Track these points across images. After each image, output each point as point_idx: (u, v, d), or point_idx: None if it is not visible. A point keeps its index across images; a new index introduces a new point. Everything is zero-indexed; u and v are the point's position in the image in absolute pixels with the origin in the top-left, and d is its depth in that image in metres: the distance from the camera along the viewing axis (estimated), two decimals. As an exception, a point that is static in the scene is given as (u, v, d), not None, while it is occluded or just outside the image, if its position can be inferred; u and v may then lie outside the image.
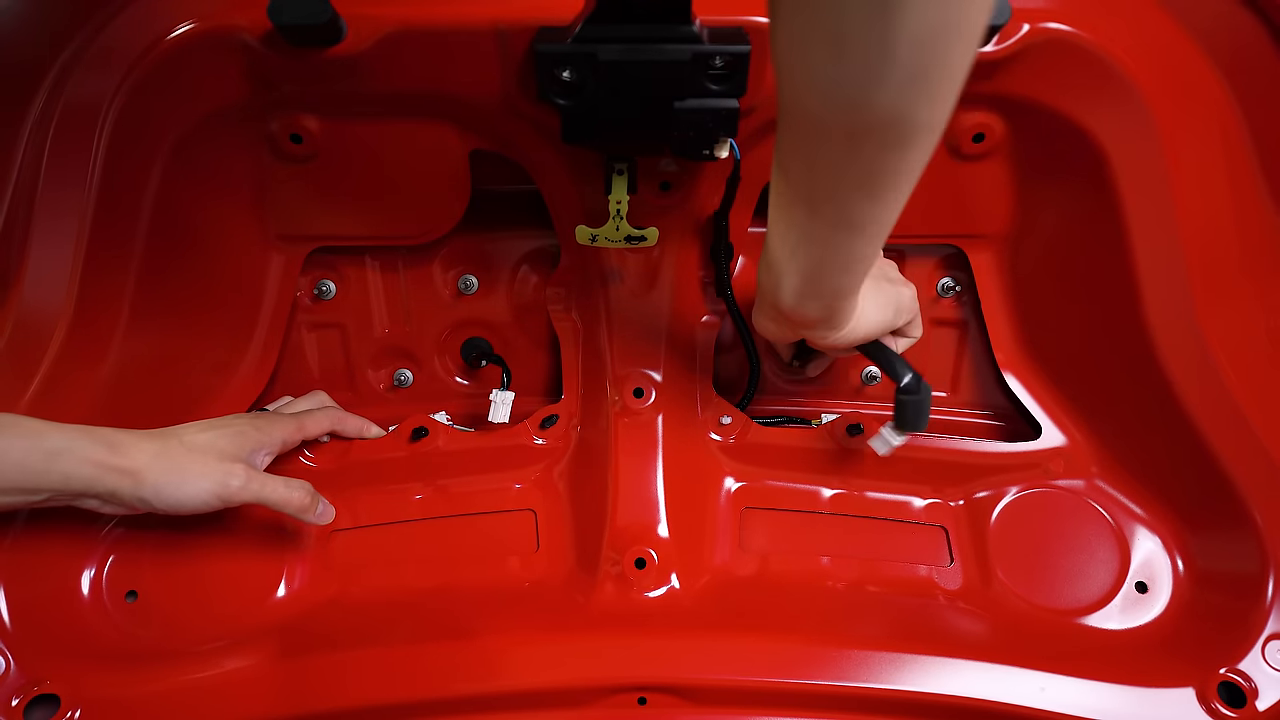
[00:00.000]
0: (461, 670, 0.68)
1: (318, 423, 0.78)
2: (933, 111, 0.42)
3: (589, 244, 0.72)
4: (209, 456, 0.66)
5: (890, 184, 0.48)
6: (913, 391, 0.68)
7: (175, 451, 0.64)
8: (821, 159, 0.48)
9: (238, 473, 0.66)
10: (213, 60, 0.64)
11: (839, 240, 0.53)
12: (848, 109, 0.42)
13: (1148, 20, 0.65)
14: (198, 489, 0.64)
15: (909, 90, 0.41)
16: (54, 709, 0.64)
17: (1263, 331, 0.70)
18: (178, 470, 0.63)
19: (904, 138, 0.44)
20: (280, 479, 0.69)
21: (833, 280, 0.57)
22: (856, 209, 0.50)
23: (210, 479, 0.65)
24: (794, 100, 0.45)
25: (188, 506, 0.64)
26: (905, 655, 0.67)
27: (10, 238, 0.68)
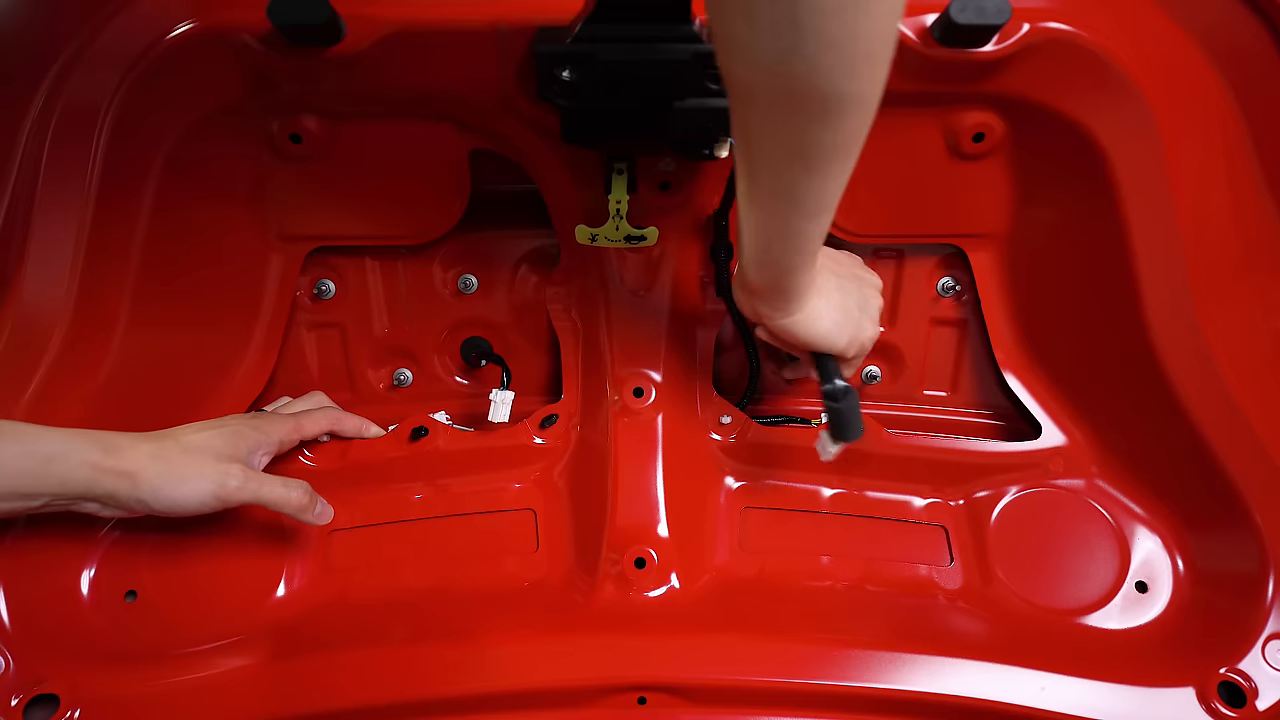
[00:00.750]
0: (461, 670, 0.68)
1: (316, 422, 0.78)
2: (853, 84, 0.43)
3: (589, 244, 0.72)
4: (206, 457, 0.65)
5: (822, 157, 0.48)
6: (836, 399, 0.67)
7: (172, 453, 0.64)
8: (753, 127, 0.48)
9: (235, 473, 0.66)
10: (212, 60, 0.64)
11: (777, 210, 0.53)
12: (765, 77, 0.43)
13: (1148, 20, 0.65)
14: (195, 490, 0.64)
15: (823, 60, 0.41)
16: (54, 709, 0.64)
17: (1263, 331, 0.70)
18: (175, 471, 0.63)
19: (829, 110, 0.44)
20: (278, 479, 0.69)
21: (776, 251, 0.57)
22: (791, 180, 0.50)
23: (208, 479, 0.64)
24: (723, 67, 0.46)
25: (185, 507, 0.64)
26: (905, 655, 0.67)
27: (9, 237, 0.68)
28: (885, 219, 0.79)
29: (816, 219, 0.54)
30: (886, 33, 0.42)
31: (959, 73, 0.64)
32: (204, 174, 0.71)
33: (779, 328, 0.65)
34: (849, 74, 0.42)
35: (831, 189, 0.51)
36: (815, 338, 0.66)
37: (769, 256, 0.58)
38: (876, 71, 0.43)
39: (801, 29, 0.40)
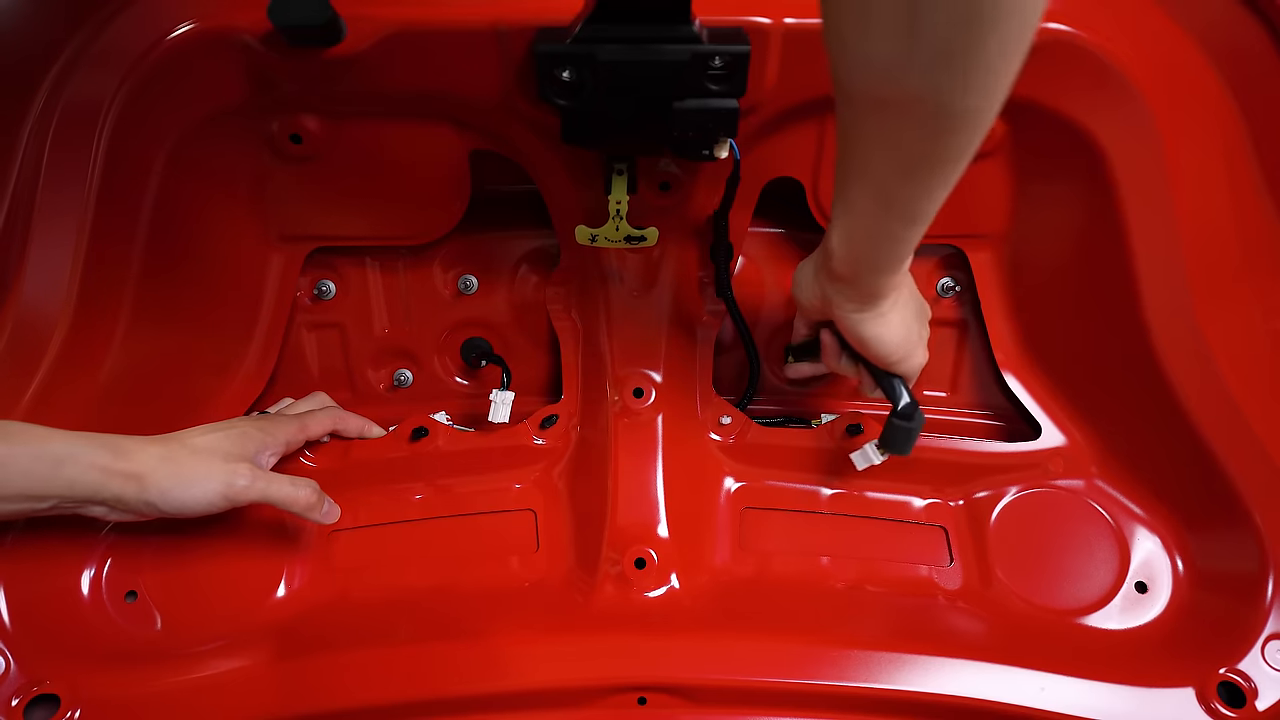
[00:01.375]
0: (461, 670, 0.68)
1: (320, 423, 0.78)
2: (967, 99, 0.41)
3: (589, 244, 0.72)
4: (214, 458, 0.65)
5: (926, 169, 0.47)
6: (907, 418, 0.69)
7: (180, 454, 0.64)
8: (856, 131, 0.48)
9: (243, 473, 0.66)
10: (213, 61, 0.64)
11: (873, 212, 0.53)
12: (876, 85, 0.42)
13: (1147, 21, 0.65)
14: (204, 490, 0.64)
15: (936, 73, 0.39)
16: (54, 709, 0.64)
17: (1262, 331, 0.70)
18: (183, 473, 0.63)
19: (938, 122, 0.43)
20: (286, 477, 0.69)
21: (866, 249, 0.57)
22: (891, 187, 0.50)
23: (216, 480, 0.65)
24: (834, 72, 0.45)
25: (195, 508, 0.64)
26: (905, 655, 0.67)
27: (10, 238, 0.68)
28: (885, 219, 0.79)
29: (913, 226, 0.53)
30: (1016, 49, 0.39)
31: (959, 73, 0.64)
32: (204, 174, 0.71)
33: (849, 322, 0.64)
34: (966, 90, 0.40)
35: (934, 199, 0.50)
36: (879, 341, 0.65)
37: (858, 252, 0.58)
38: (998, 88, 0.41)
39: (919, 40, 0.38)
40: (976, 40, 0.38)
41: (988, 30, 0.37)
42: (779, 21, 0.61)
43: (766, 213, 0.84)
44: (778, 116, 0.69)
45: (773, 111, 0.68)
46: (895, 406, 0.70)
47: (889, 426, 0.71)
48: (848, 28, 0.41)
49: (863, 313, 0.63)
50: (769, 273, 0.88)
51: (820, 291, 0.65)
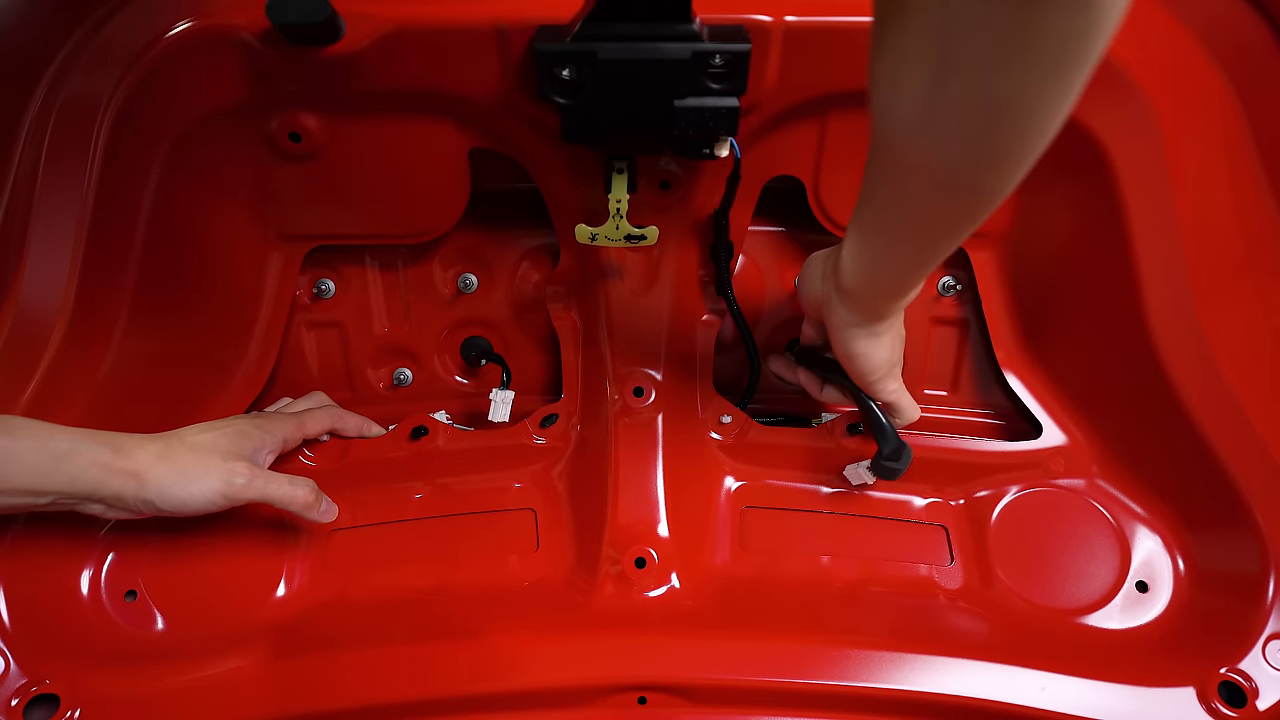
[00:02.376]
0: (461, 670, 0.68)
1: (318, 421, 0.78)
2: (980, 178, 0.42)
3: (589, 243, 0.72)
4: (213, 456, 0.65)
5: (940, 223, 0.49)
6: (894, 459, 0.71)
7: (179, 452, 0.64)
8: (880, 175, 0.48)
9: (242, 471, 0.66)
10: (211, 59, 0.64)
11: (887, 247, 0.54)
12: (901, 141, 0.43)
13: (1150, 19, 0.65)
14: (203, 488, 0.64)
15: (951, 148, 0.40)
16: (54, 709, 0.64)
17: (1264, 331, 0.70)
18: (182, 471, 0.63)
19: (954, 189, 0.44)
20: (285, 477, 0.69)
21: (877, 276, 0.58)
22: (905, 231, 0.51)
23: (215, 478, 0.64)
24: (873, 117, 0.46)
25: (193, 507, 0.64)
26: (905, 655, 0.67)
27: (8, 237, 0.68)
28: (886, 218, 0.79)
29: (925, 265, 0.54)
30: (1034, 144, 0.39)
31: (960, 72, 0.64)
32: (203, 173, 0.71)
33: (844, 335, 0.65)
34: (982, 170, 0.41)
35: (942, 250, 0.51)
36: (867, 358, 0.66)
37: (869, 277, 0.59)
38: (1014, 174, 0.41)
39: (939, 113, 0.38)
40: (992, 128, 0.38)
41: (1005, 121, 0.38)
42: (780, 20, 0.61)
43: (767, 212, 0.83)
44: (778, 115, 0.69)
45: (773, 110, 0.68)
46: (881, 451, 0.71)
47: (878, 465, 0.73)
48: (882, 80, 0.41)
49: (859, 328, 0.64)
50: (769, 272, 0.88)
51: (823, 296, 0.65)
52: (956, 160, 0.41)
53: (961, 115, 0.38)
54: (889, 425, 0.71)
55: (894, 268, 0.56)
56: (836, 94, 0.67)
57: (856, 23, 0.62)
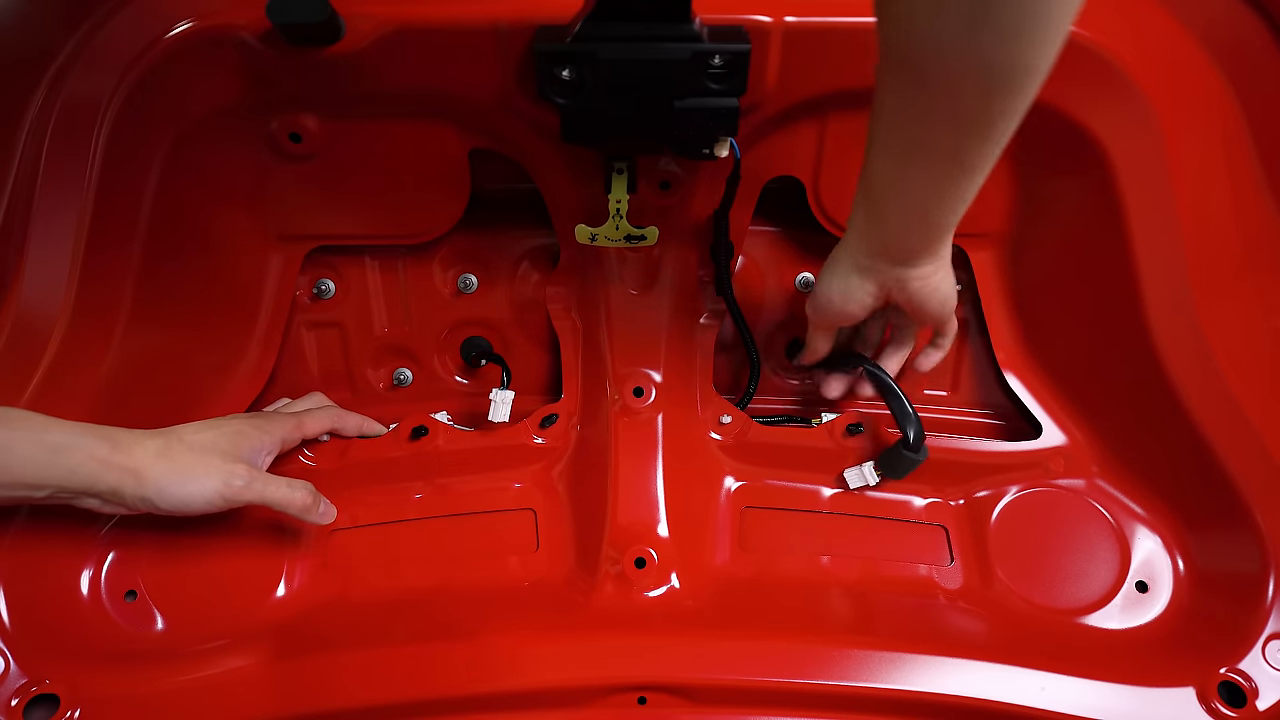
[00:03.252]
0: (461, 670, 0.67)
1: (317, 421, 0.78)
2: (1035, 58, 0.45)
3: (589, 243, 0.72)
4: (212, 456, 0.65)
5: (995, 124, 0.50)
6: (913, 450, 0.72)
7: (177, 451, 0.64)
8: (926, 106, 0.50)
9: (241, 473, 0.66)
10: (211, 59, 0.64)
11: (943, 173, 0.55)
12: (945, 55, 0.45)
13: (1149, 19, 0.65)
14: (202, 489, 0.64)
15: (1008, 42, 0.43)
16: (54, 709, 0.64)
17: (1264, 330, 0.70)
18: (181, 469, 0.63)
19: (1004, 85, 0.46)
20: (283, 479, 0.69)
21: (935, 213, 0.59)
22: (961, 146, 0.52)
23: (214, 479, 0.64)
24: (898, 50, 0.48)
25: (191, 507, 0.64)
26: (905, 655, 0.67)
27: (9, 237, 0.68)
28: (886, 218, 0.79)
29: (978, 177, 0.56)
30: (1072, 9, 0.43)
31: (960, 72, 0.64)
32: (203, 173, 0.71)
33: (930, 284, 0.65)
34: (1033, 49, 0.44)
35: (997, 151, 0.53)
36: (947, 294, 0.67)
37: (927, 220, 0.59)
38: (1057, 46, 0.45)
39: (992, 12, 0.42)
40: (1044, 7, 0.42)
41: None
42: (779, 20, 0.61)
43: (767, 212, 0.83)
44: (778, 115, 0.69)
45: (773, 110, 0.68)
46: (908, 438, 0.72)
47: (896, 455, 0.74)
48: (918, 10, 0.44)
49: (935, 267, 0.65)
50: (769, 272, 0.88)
51: (875, 284, 0.66)
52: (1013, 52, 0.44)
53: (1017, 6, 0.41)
54: (915, 413, 0.72)
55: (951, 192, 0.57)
56: (836, 94, 0.67)
57: (856, 23, 0.62)
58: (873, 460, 0.78)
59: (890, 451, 0.75)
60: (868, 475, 0.78)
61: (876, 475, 0.78)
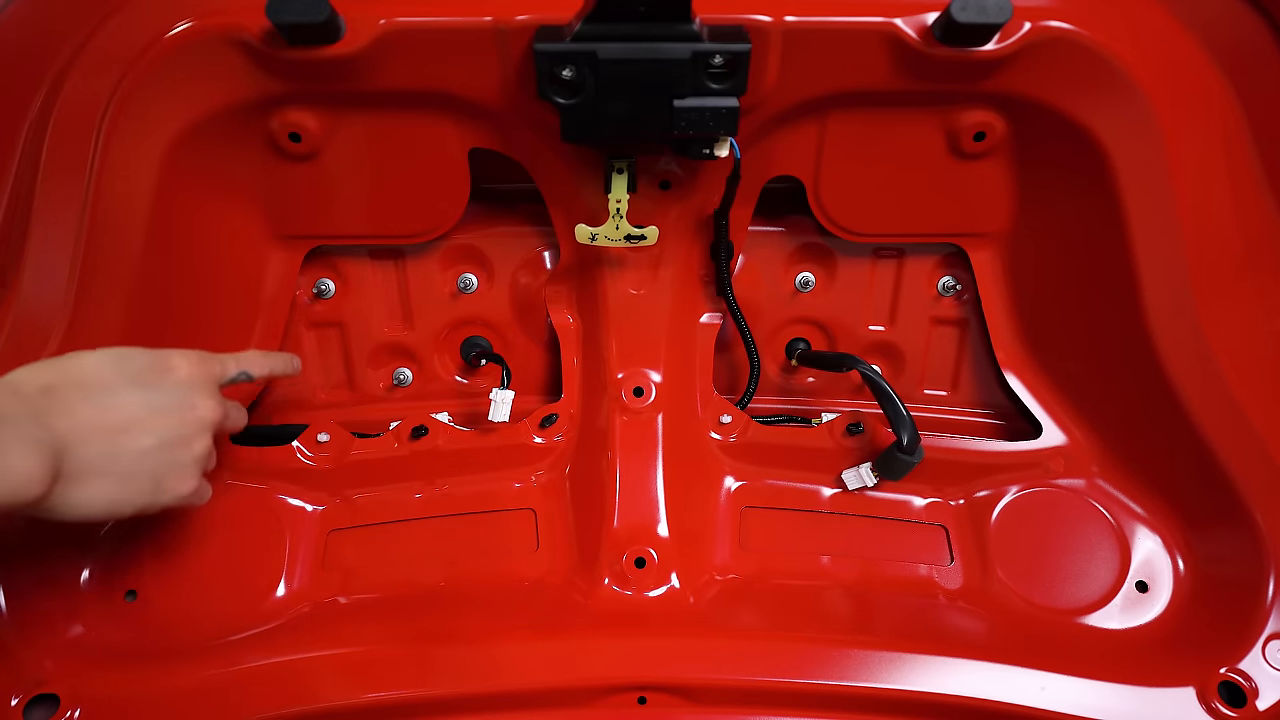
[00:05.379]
0: (461, 670, 0.67)
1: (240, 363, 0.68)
2: None
3: (589, 243, 0.72)
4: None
5: None
6: (908, 452, 0.72)
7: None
8: None
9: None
10: (211, 59, 0.64)
11: None
12: None
13: (1149, 18, 0.65)
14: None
15: None
16: (54, 709, 0.64)
17: (1264, 331, 0.70)
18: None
19: None
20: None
21: None
22: None
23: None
24: None
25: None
26: (905, 655, 0.67)
27: (8, 237, 0.68)
28: (886, 218, 0.79)
29: None
30: None
31: (960, 72, 0.64)
32: (203, 172, 0.71)
33: None
34: None
35: None
36: None
37: None
38: None
39: None
40: None
41: None
42: (780, 20, 0.61)
43: (767, 212, 0.83)
44: (778, 115, 0.69)
45: (773, 110, 0.68)
46: (901, 441, 0.72)
47: (891, 457, 0.74)
48: None
49: None
50: (769, 272, 0.88)
51: None
52: None
53: None
54: (909, 415, 0.72)
55: None
56: (836, 94, 0.67)
57: (856, 23, 0.62)
58: (870, 462, 0.78)
59: (886, 454, 0.75)
60: (865, 476, 0.78)
61: (874, 476, 0.78)
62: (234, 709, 0.66)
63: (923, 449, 0.73)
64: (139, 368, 0.59)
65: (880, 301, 0.88)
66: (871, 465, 0.78)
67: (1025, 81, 0.65)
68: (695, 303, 0.83)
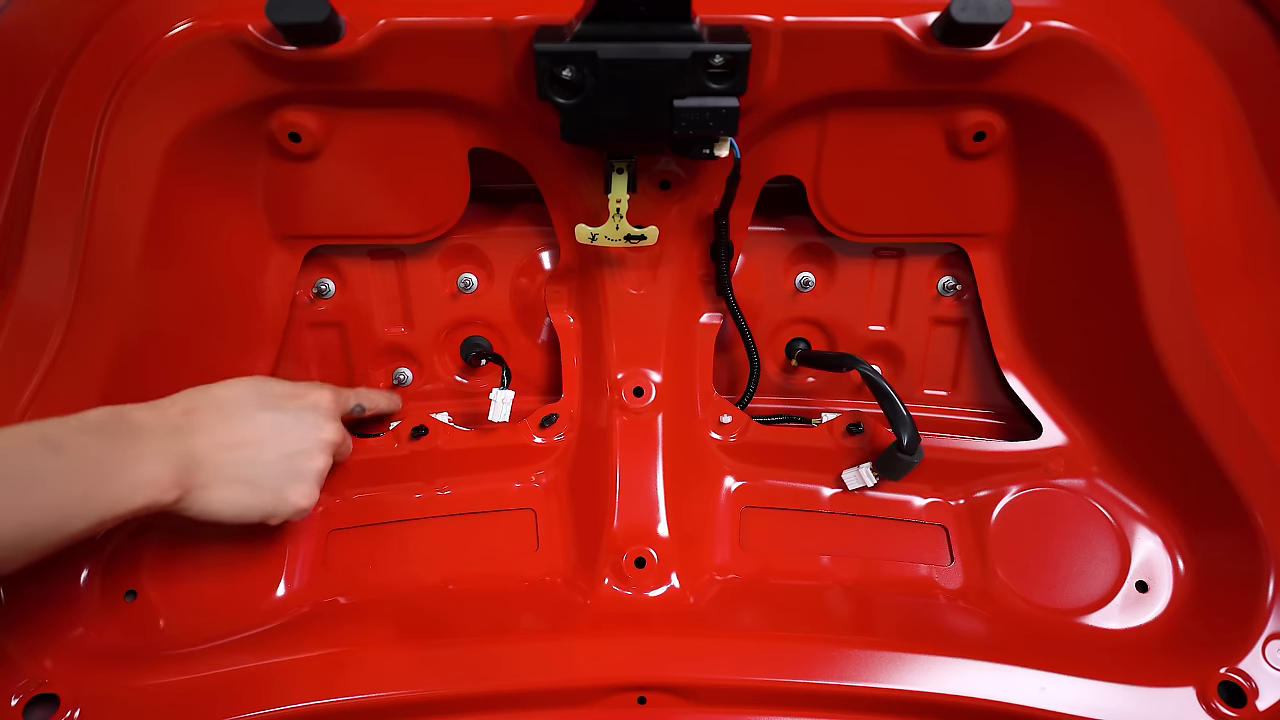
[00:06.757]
0: (461, 670, 0.68)
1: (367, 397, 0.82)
2: None
3: (589, 243, 0.72)
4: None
5: None
6: (908, 452, 0.72)
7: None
8: None
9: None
10: (211, 58, 0.64)
11: None
12: None
13: (1150, 18, 0.65)
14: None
15: None
16: (54, 708, 0.64)
17: (1264, 331, 0.70)
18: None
19: None
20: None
21: None
22: None
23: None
24: None
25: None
26: (905, 655, 0.67)
27: (8, 236, 0.68)
28: (886, 218, 0.79)
29: None
30: None
31: (960, 71, 0.64)
32: (202, 172, 0.71)
33: None
34: None
35: None
36: None
37: None
38: None
39: None
40: None
41: None
42: (780, 20, 0.61)
43: (767, 212, 0.83)
44: (778, 115, 0.69)
45: (773, 110, 0.68)
46: (901, 441, 0.72)
47: (891, 457, 0.74)
48: None
49: None
50: (769, 272, 0.88)
51: None
52: None
53: None
54: (909, 415, 0.72)
55: None
56: (836, 94, 0.67)
57: (856, 23, 0.62)
58: (870, 462, 0.78)
59: (886, 454, 0.75)
60: (865, 476, 0.78)
61: (874, 476, 0.78)
62: (234, 708, 0.66)
63: (923, 449, 0.73)
64: (275, 393, 0.70)
65: (880, 301, 0.88)
66: (871, 465, 0.78)
67: (1025, 81, 0.65)
68: (695, 303, 0.83)
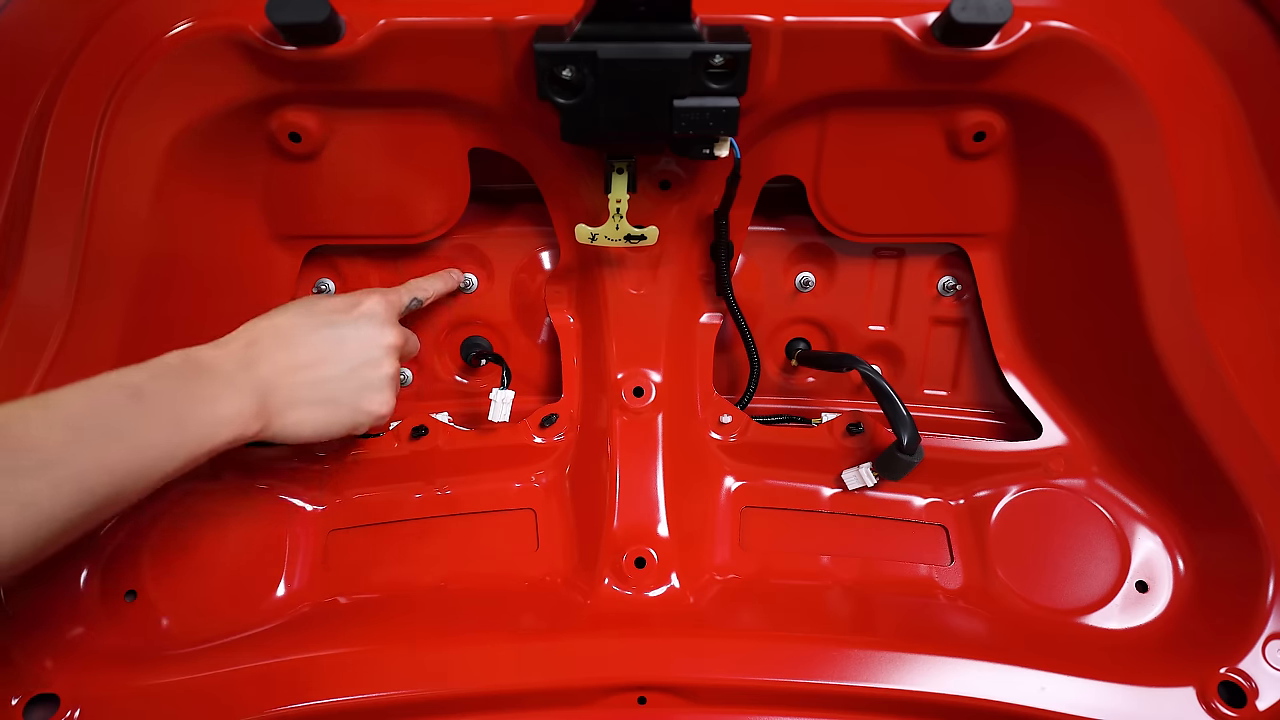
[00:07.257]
0: (461, 670, 0.68)
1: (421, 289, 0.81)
2: None
3: (589, 243, 0.72)
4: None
5: None
6: (908, 452, 0.72)
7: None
8: None
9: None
10: (211, 59, 0.64)
11: None
12: None
13: (1150, 19, 0.65)
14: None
15: None
16: (54, 708, 0.64)
17: (1265, 331, 0.70)
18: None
19: None
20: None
21: None
22: None
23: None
24: None
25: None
26: (905, 655, 0.67)
27: (8, 236, 0.68)
28: (886, 218, 0.79)
29: None
30: None
31: (960, 71, 0.64)
32: (202, 173, 0.71)
33: None
34: None
35: None
36: None
37: None
38: None
39: None
40: None
41: None
42: (780, 20, 0.61)
43: (767, 212, 0.83)
44: (778, 115, 0.69)
45: (773, 110, 0.68)
46: (901, 441, 0.72)
47: (892, 457, 0.74)
48: None
49: None
50: (769, 272, 0.88)
51: None
52: None
53: None
54: (909, 415, 0.72)
55: None
56: (836, 94, 0.67)
57: (856, 23, 0.62)
58: (870, 462, 0.78)
59: (886, 454, 0.75)
60: (865, 476, 0.78)
61: (874, 476, 0.78)
62: (234, 709, 0.66)
63: (923, 449, 0.73)
64: (328, 309, 0.70)
65: (880, 301, 0.88)
66: (871, 465, 0.78)
67: (1025, 81, 0.65)
68: (695, 303, 0.83)
